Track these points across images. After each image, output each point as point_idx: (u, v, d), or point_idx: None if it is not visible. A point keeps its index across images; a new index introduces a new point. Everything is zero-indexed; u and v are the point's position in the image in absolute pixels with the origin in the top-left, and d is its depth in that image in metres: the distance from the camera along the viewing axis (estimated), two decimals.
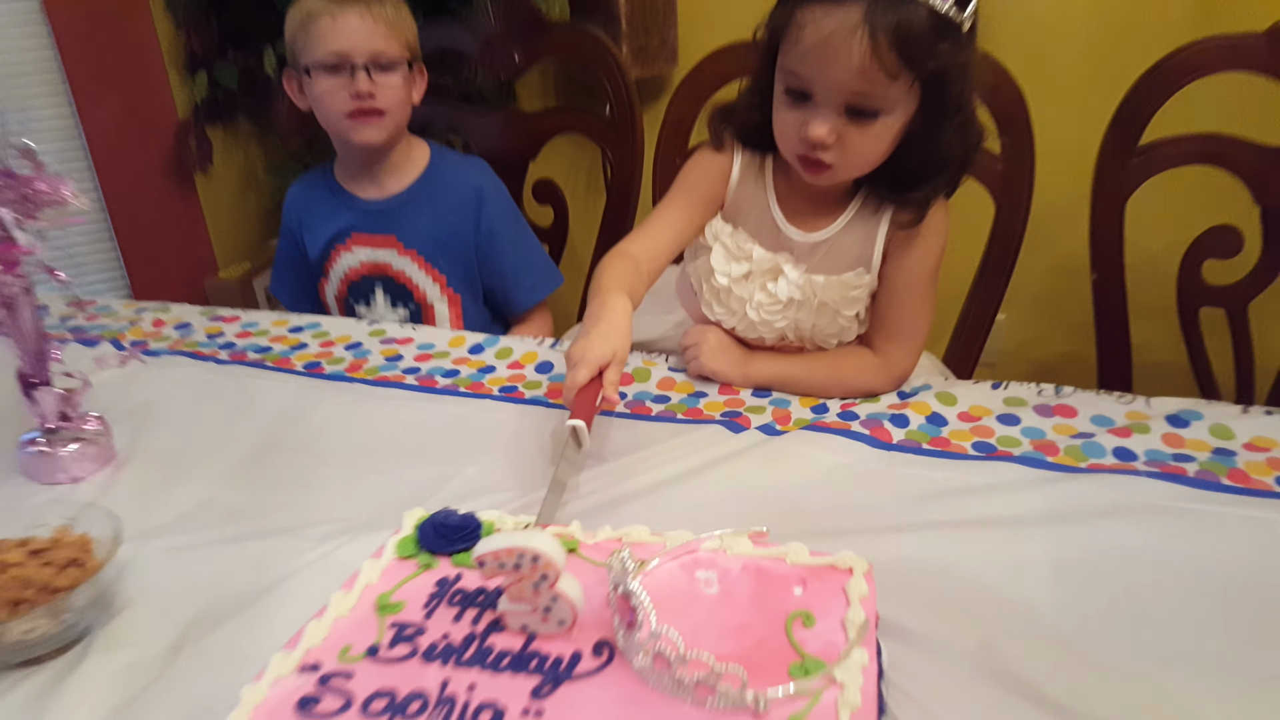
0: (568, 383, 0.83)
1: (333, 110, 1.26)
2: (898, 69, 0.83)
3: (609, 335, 0.84)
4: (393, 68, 1.26)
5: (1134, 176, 1.24)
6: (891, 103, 0.86)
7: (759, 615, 0.61)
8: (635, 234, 1.02)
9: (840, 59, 0.83)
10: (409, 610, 0.62)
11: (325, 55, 1.23)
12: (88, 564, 0.72)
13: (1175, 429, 0.90)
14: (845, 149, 0.89)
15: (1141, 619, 0.69)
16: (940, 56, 0.83)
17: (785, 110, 0.91)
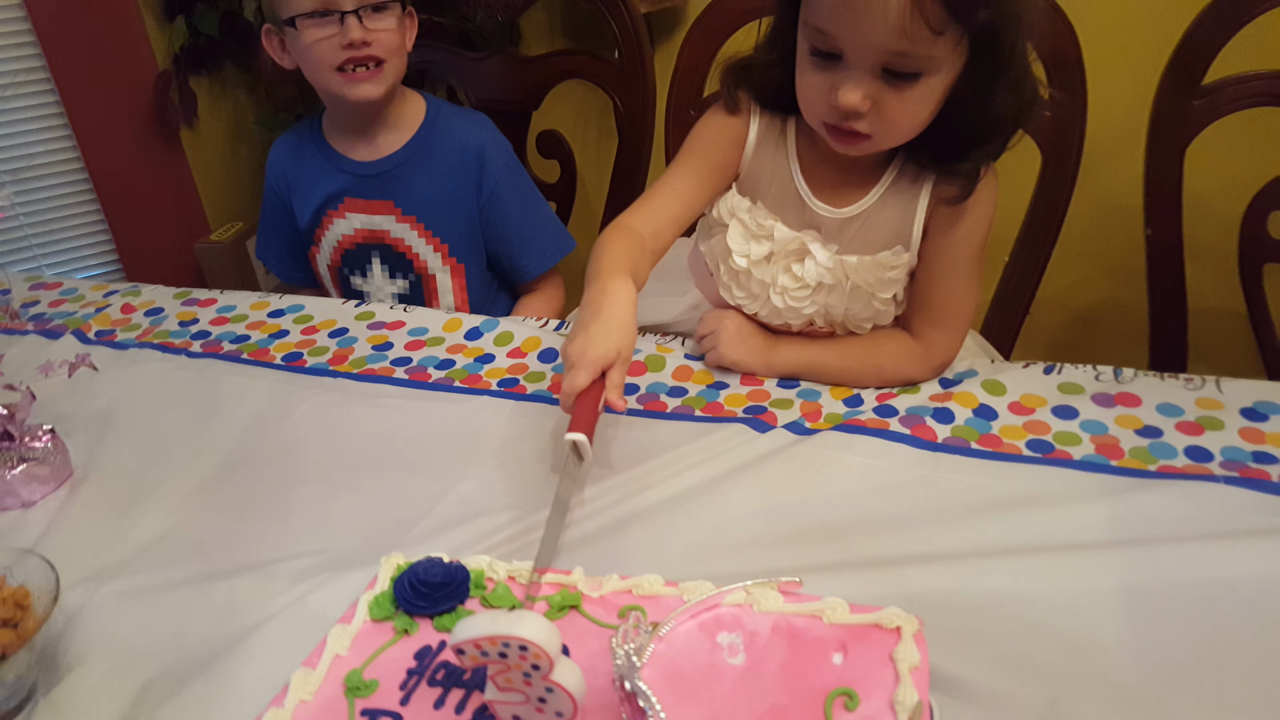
0: (565, 387, 0.73)
1: (323, 64, 1.13)
2: (944, 22, 0.70)
3: (610, 331, 0.74)
4: (385, 8, 1.12)
5: (1195, 120, 1.12)
6: (936, 63, 0.74)
7: (793, 694, 0.52)
8: (638, 205, 0.91)
9: (876, 13, 0.70)
10: (383, 692, 0.54)
11: (309, 2, 1.10)
12: (24, 624, 0.64)
13: (1253, 422, 0.79)
14: (882, 117, 0.77)
15: (1228, 664, 0.60)
16: (992, 5, 0.71)
17: (811, 73, 0.78)
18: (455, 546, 0.71)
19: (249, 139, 2.02)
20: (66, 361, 0.86)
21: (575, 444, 0.72)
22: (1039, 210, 1.16)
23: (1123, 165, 1.19)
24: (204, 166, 1.93)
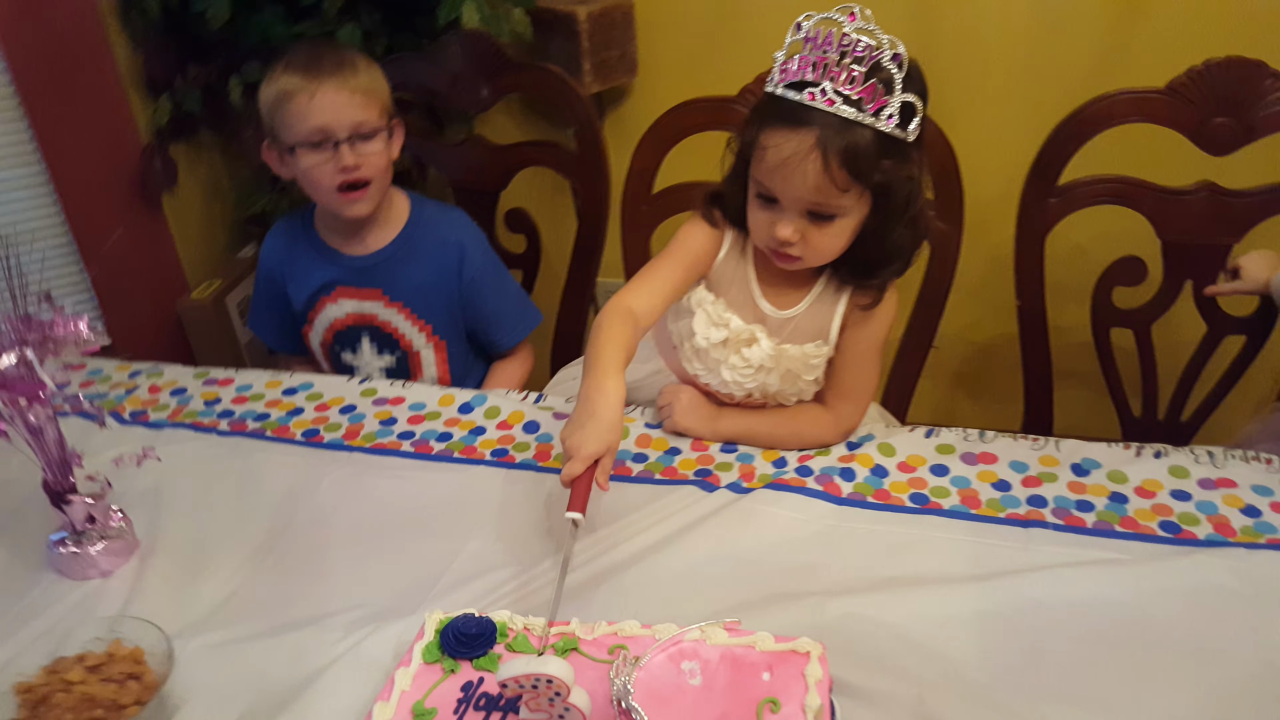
0: (565, 474, 0.92)
1: (321, 185, 1.31)
2: (847, 183, 0.95)
3: (603, 430, 0.93)
4: (374, 135, 1.31)
5: (1053, 214, 1.37)
6: (845, 208, 0.98)
7: (735, 703, 0.74)
8: (636, 287, 1.11)
9: (798, 176, 0.95)
10: (442, 716, 0.74)
11: (307, 133, 1.27)
12: (144, 677, 0.82)
13: (1078, 477, 1.04)
14: (809, 244, 1.01)
15: (1043, 666, 0.83)
16: (885, 171, 0.95)
17: (757, 210, 1.03)
18: (473, 598, 0.92)
19: (222, 197, 2.18)
20: (135, 455, 1.03)
21: (575, 521, 0.90)
22: (927, 292, 1.39)
23: (1003, 228, 1.43)
24: (182, 227, 2.07)
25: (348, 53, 1.32)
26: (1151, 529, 0.97)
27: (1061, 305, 1.45)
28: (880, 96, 0.92)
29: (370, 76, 1.32)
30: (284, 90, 1.28)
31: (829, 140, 0.93)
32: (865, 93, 0.92)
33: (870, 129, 0.93)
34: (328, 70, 1.27)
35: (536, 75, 1.56)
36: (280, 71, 1.29)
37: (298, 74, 1.27)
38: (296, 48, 1.32)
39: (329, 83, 1.27)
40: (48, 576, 0.99)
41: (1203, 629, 0.86)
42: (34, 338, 0.84)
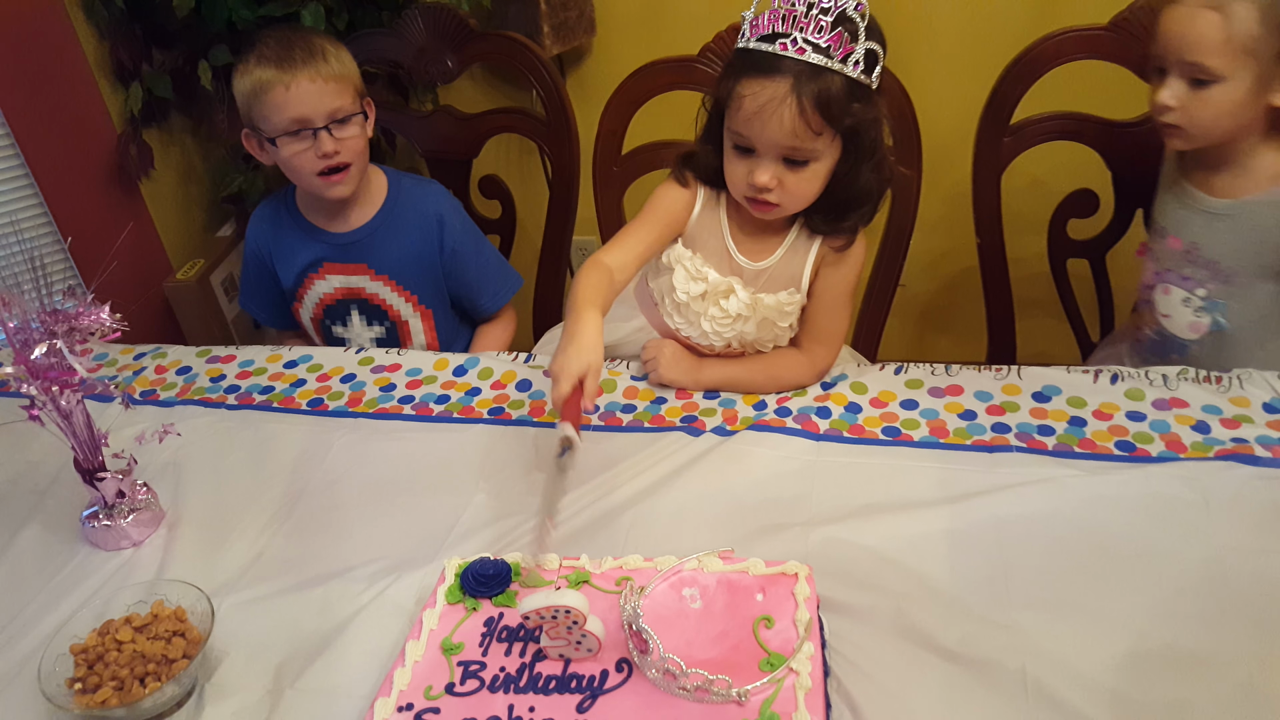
0: (553, 396, 0.99)
1: (303, 171, 1.35)
2: (821, 126, 1.02)
3: (583, 350, 1.00)
4: (350, 119, 1.35)
5: (1007, 152, 1.44)
6: (819, 152, 1.05)
7: (732, 622, 0.82)
8: (611, 246, 1.17)
9: (774, 121, 1.02)
10: (469, 649, 0.82)
11: (286, 124, 1.31)
12: (189, 634, 0.89)
13: (1039, 403, 1.12)
14: (785, 190, 1.08)
15: (1010, 575, 0.91)
16: (854, 114, 1.03)
17: (734, 161, 1.10)
18: (485, 544, 0.99)
19: (199, 179, 2.20)
20: (156, 432, 1.09)
21: (567, 436, 0.97)
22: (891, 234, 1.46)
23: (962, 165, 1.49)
24: (161, 210, 2.10)
25: (317, 40, 1.35)
26: (1108, 449, 1.06)
27: (1019, 238, 1.53)
28: (847, 44, 0.99)
29: (341, 62, 1.35)
30: (259, 83, 1.31)
31: (802, 86, 1.00)
32: (833, 40, 0.99)
33: (839, 75, 1.00)
34: (300, 61, 1.30)
35: (500, 43, 1.60)
36: (253, 64, 1.31)
37: (271, 66, 1.30)
38: (265, 37, 1.35)
39: (303, 73, 1.30)
40: (83, 549, 1.05)
41: (1155, 534, 0.94)
42: (62, 328, 0.89)
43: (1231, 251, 1.20)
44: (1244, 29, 1.07)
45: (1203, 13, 1.08)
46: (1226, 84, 1.10)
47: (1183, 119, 1.14)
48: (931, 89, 1.43)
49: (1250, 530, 0.94)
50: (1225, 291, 1.23)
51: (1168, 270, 1.28)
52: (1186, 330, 1.28)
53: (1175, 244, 1.25)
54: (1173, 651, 0.83)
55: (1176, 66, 1.13)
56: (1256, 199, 1.17)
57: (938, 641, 0.85)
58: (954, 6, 1.87)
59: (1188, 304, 1.26)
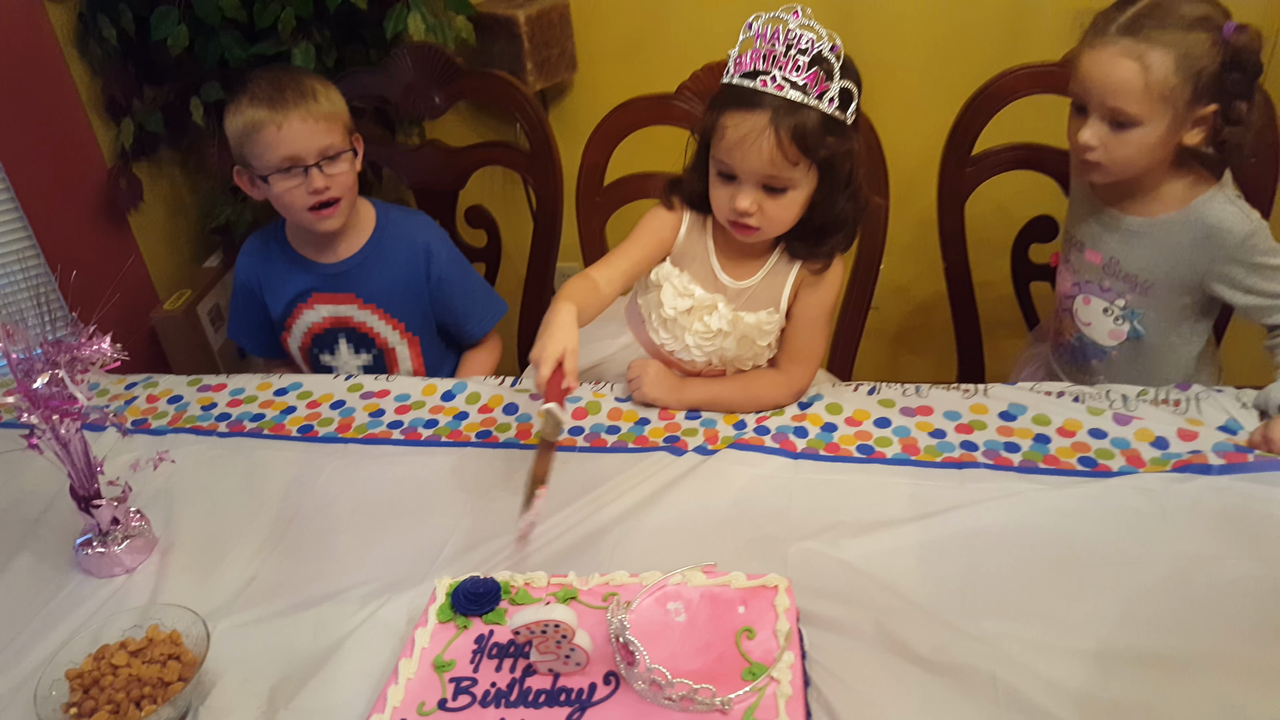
0: (536, 379, 1.03)
1: (294, 206, 1.39)
2: (797, 157, 1.08)
3: (557, 334, 1.05)
4: (340, 156, 1.39)
5: (969, 181, 1.50)
6: (796, 181, 1.11)
7: (715, 634, 0.85)
8: (601, 263, 1.23)
9: (754, 151, 1.08)
10: (460, 666, 0.85)
11: (277, 161, 1.35)
12: (184, 657, 0.91)
13: (1006, 422, 1.17)
14: (765, 215, 1.14)
15: (980, 585, 0.95)
16: (829, 146, 1.09)
17: (718, 187, 1.16)
18: (474, 565, 1.02)
19: (187, 212, 2.24)
20: (150, 459, 1.11)
21: (551, 410, 1.00)
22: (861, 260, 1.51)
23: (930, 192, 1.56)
24: (149, 242, 2.13)
25: (307, 80, 1.39)
26: (1071, 464, 1.10)
27: (985, 263, 1.59)
28: (822, 82, 1.06)
29: (330, 101, 1.40)
30: (251, 122, 1.35)
31: (780, 120, 1.06)
32: (809, 79, 1.05)
33: (815, 110, 1.06)
34: (291, 101, 1.35)
35: (486, 80, 1.65)
36: (245, 104, 1.35)
37: (263, 106, 1.34)
38: (257, 77, 1.39)
39: (294, 113, 1.34)
40: (76, 577, 1.07)
41: (1117, 544, 0.98)
42: (64, 358, 0.92)
43: (1149, 265, 1.27)
44: (1160, 78, 1.13)
45: (1123, 61, 1.14)
46: (1144, 127, 1.16)
47: (1103, 157, 1.20)
48: (898, 123, 1.49)
49: (1207, 538, 0.98)
50: (1143, 302, 1.30)
51: (1088, 282, 1.34)
52: (1106, 337, 1.35)
53: (1095, 258, 1.32)
54: (1137, 654, 0.86)
55: (1098, 109, 1.18)
56: (1170, 217, 1.24)
57: (913, 651, 0.88)
58: (917, 44, 1.95)
59: (1108, 313, 1.33)
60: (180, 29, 1.78)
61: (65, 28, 1.90)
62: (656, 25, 2.05)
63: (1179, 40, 1.12)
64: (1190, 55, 1.12)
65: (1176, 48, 1.12)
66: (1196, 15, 1.13)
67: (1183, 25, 1.12)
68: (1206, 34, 1.12)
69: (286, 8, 1.79)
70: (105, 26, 1.85)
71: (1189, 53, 1.12)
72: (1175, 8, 1.13)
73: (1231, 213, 1.21)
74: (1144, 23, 1.13)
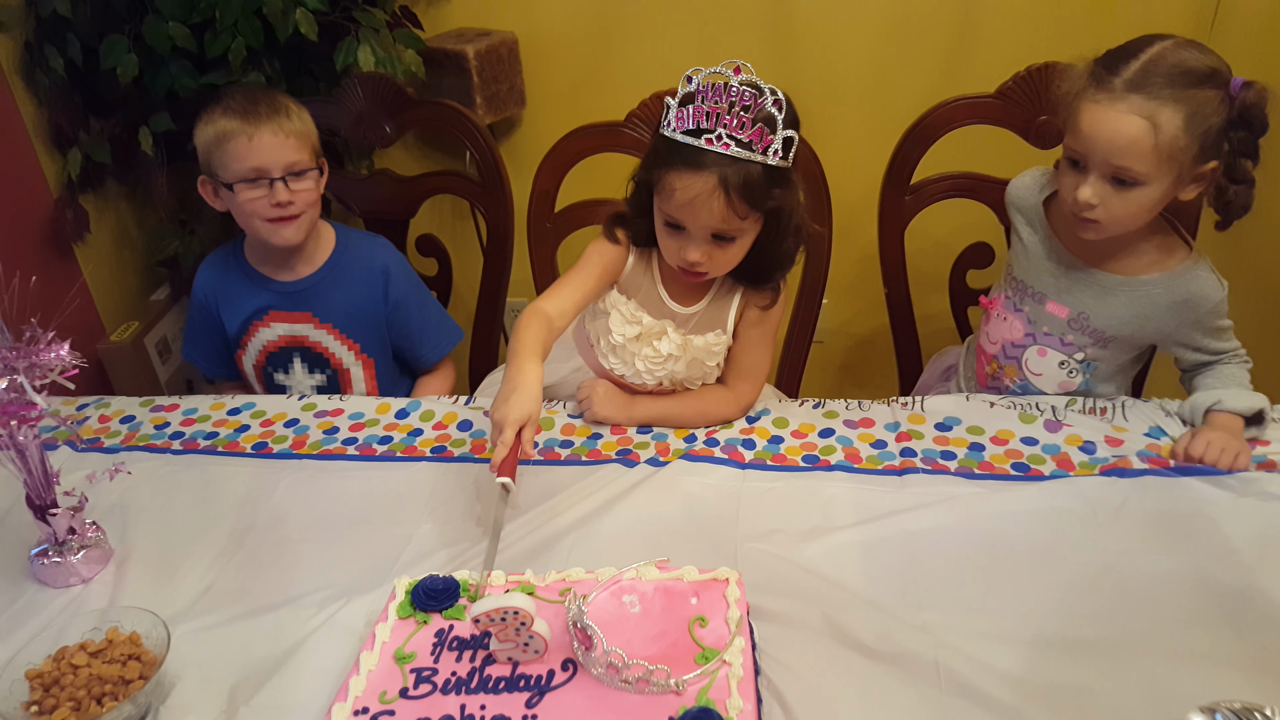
0: (497, 444, 1.05)
1: (255, 216, 1.42)
2: (746, 212, 1.12)
3: (524, 401, 1.07)
4: (306, 173, 1.43)
5: (908, 210, 1.58)
6: (743, 230, 1.16)
7: (670, 623, 0.88)
8: (550, 294, 1.25)
9: (704, 210, 1.12)
10: (420, 658, 0.86)
11: (245, 171, 1.39)
12: (144, 657, 0.91)
13: (942, 432, 1.23)
14: (713, 262, 1.19)
15: (920, 580, 1.00)
16: (775, 197, 1.13)
17: (666, 237, 1.20)
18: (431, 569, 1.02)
19: (133, 244, 2.22)
20: (107, 470, 1.11)
21: (505, 485, 1.04)
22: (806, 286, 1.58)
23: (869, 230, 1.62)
24: (95, 273, 2.11)
25: (281, 98, 1.43)
26: (1005, 469, 1.16)
27: (925, 294, 1.66)
28: (766, 137, 1.09)
29: (302, 120, 1.44)
30: (223, 131, 1.38)
31: (728, 178, 1.09)
32: (754, 135, 1.08)
33: (759, 164, 1.10)
34: (264, 115, 1.39)
35: (436, 110, 1.69)
36: (219, 114, 1.40)
37: (236, 118, 1.38)
38: (233, 91, 1.44)
39: (265, 127, 1.38)
40: (31, 587, 1.06)
41: (1049, 541, 1.04)
42: (23, 364, 0.93)
43: (1120, 322, 1.26)
44: (1170, 137, 1.08)
45: (1132, 119, 1.09)
46: (1148, 186, 1.12)
47: (1102, 215, 1.16)
48: (840, 158, 1.56)
49: (1134, 536, 1.05)
50: (1099, 354, 1.30)
51: (1047, 334, 1.32)
52: (1054, 387, 1.34)
53: (1060, 311, 1.30)
54: (1071, 641, 0.92)
55: (1100, 166, 1.13)
56: (1152, 279, 1.23)
57: (858, 640, 0.92)
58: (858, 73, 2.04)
59: (1064, 366, 1.32)
60: (130, 58, 1.80)
61: (10, 57, 1.89)
62: (603, 63, 2.11)
63: (1189, 98, 1.08)
64: (1200, 114, 1.08)
65: (1187, 105, 1.07)
66: (1204, 69, 1.09)
67: (1192, 81, 1.08)
68: (1215, 90, 1.08)
69: (237, 38, 1.81)
70: (53, 56, 1.84)
71: (1198, 110, 1.08)
72: (1181, 61, 1.09)
73: (1212, 282, 1.22)
74: (1152, 77, 1.08)
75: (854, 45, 2.02)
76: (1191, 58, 1.09)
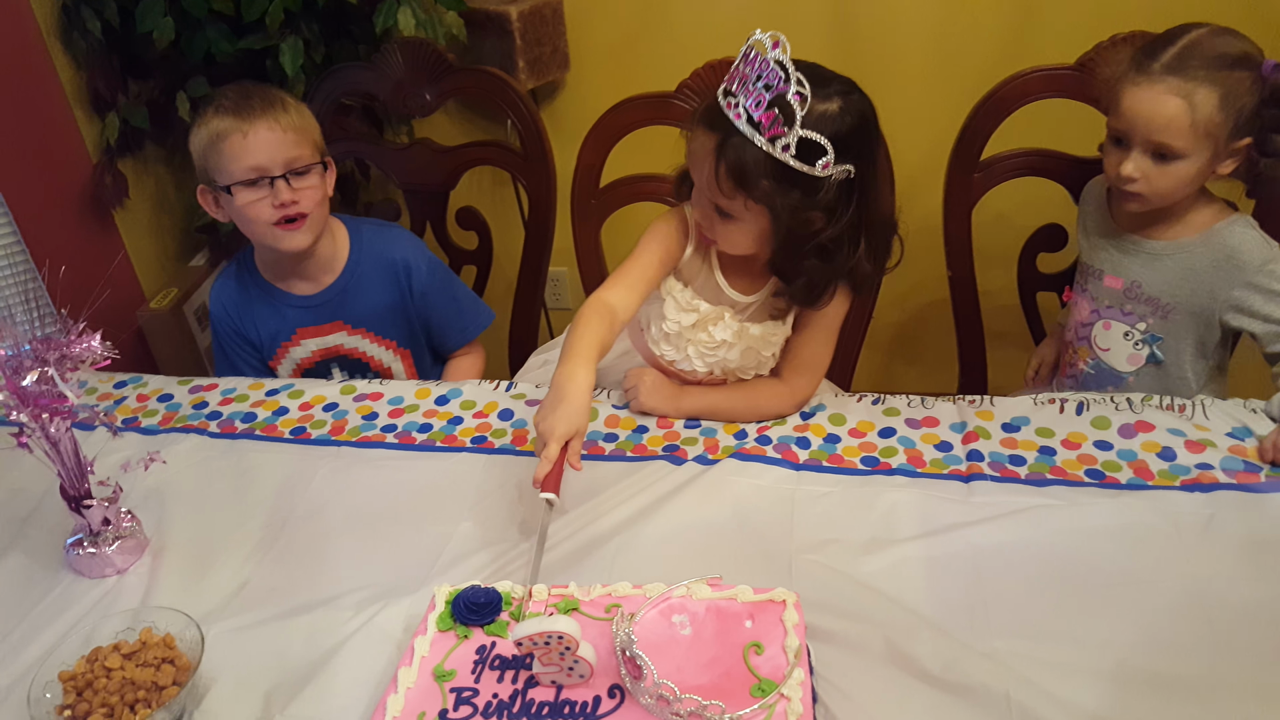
0: (542, 457, 1.00)
1: (258, 221, 1.34)
2: (731, 190, 1.06)
3: (572, 415, 1.01)
4: (308, 170, 1.35)
5: (977, 188, 1.49)
6: (738, 211, 1.09)
7: (723, 649, 0.83)
8: (615, 283, 1.19)
9: (699, 171, 1.10)
10: (461, 676, 0.82)
11: (243, 172, 1.31)
12: (178, 661, 0.89)
13: (1010, 434, 1.16)
14: (716, 230, 1.14)
15: (989, 603, 0.93)
16: (767, 190, 1.04)
17: (694, 199, 1.16)
18: (472, 572, 1.00)
19: (172, 209, 2.20)
20: (141, 460, 1.09)
21: (550, 501, 0.99)
22: None
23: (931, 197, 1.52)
24: (135, 239, 2.09)
25: (275, 92, 1.36)
26: (1078, 476, 1.09)
27: (989, 271, 1.57)
28: (778, 126, 1.00)
29: (299, 114, 1.36)
30: (216, 132, 1.31)
31: (725, 148, 1.04)
32: (765, 118, 1.01)
33: (760, 150, 1.02)
34: (258, 110, 1.31)
35: (478, 78, 1.62)
36: (211, 115, 1.32)
37: (229, 116, 1.30)
38: (224, 91, 1.36)
39: (260, 122, 1.30)
40: (66, 577, 1.05)
41: (1128, 563, 0.97)
42: (54, 356, 0.90)
43: (1170, 288, 1.29)
44: (1206, 115, 1.16)
45: (1171, 98, 1.17)
46: (1187, 160, 1.19)
47: (1144, 188, 1.23)
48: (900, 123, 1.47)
49: (1220, 559, 0.97)
50: (1163, 326, 1.32)
51: (1109, 307, 1.36)
52: (1125, 363, 1.36)
53: (1115, 283, 1.34)
54: (1154, 677, 0.85)
55: (1142, 143, 1.21)
56: (1191, 240, 1.27)
57: (923, 668, 0.86)
58: (921, 45, 1.93)
59: (1128, 337, 1.35)
60: (166, 21, 1.75)
61: (48, 19, 1.85)
62: (652, 23, 2.02)
63: (1223, 79, 1.15)
64: (1233, 93, 1.16)
65: (1221, 86, 1.15)
66: (1236, 53, 1.17)
67: (1225, 64, 1.16)
68: (1247, 72, 1.16)
69: (274, 1, 1.76)
70: (89, 19, 1.81)
71: (1232, 90, 1.16)
72: (1216, 45, 1.17)
73: (1252, 237, 1.24)
74: (1189, 61, 1.16)
75: (919, 12, 1.91)
76: (1225, 43, 1.17)
